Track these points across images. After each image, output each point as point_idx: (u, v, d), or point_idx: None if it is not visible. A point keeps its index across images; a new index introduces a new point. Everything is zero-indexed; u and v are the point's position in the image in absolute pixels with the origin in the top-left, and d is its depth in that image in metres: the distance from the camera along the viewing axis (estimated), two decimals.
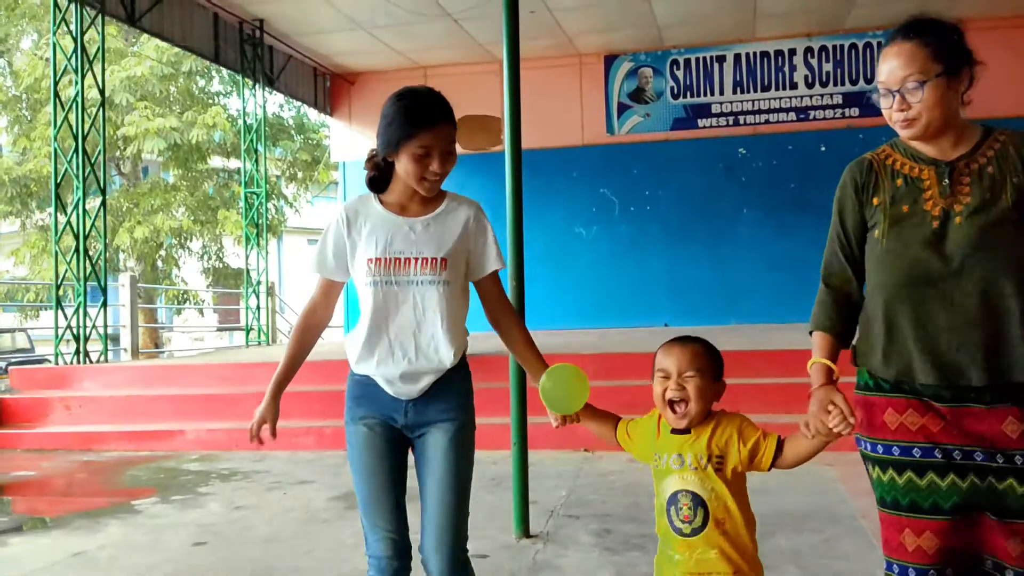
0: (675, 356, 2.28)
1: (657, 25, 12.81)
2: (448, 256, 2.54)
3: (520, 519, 4.54)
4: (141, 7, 10.42)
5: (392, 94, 2.60)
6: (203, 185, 18.62)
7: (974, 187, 2.26)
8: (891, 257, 2.31)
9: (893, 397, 2.28)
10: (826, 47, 13.35)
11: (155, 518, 5.35)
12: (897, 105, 2.27)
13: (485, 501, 5.23)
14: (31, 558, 4.50)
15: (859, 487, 5.23)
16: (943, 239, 2.23)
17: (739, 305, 13.00)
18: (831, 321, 2.39)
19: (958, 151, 2.31)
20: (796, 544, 4.21)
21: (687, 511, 2.18)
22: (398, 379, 2.49)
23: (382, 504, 2.50)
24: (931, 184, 2.30)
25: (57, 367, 9.57)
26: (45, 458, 7.62)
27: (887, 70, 2.30)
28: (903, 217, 2.30)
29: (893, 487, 2.25)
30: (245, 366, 9.29)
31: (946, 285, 2.23)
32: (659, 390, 2.27)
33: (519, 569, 4.01)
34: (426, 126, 2.48)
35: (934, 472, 2.20)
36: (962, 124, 2.33)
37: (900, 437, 2.25)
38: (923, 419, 2.23)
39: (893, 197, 2.33)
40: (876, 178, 2.38)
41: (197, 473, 6.76)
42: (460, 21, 12.35)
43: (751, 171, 13.52)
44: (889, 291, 2.31)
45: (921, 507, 2.19)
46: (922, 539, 2.19)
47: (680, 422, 2.23)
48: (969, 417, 2.19)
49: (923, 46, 2.25)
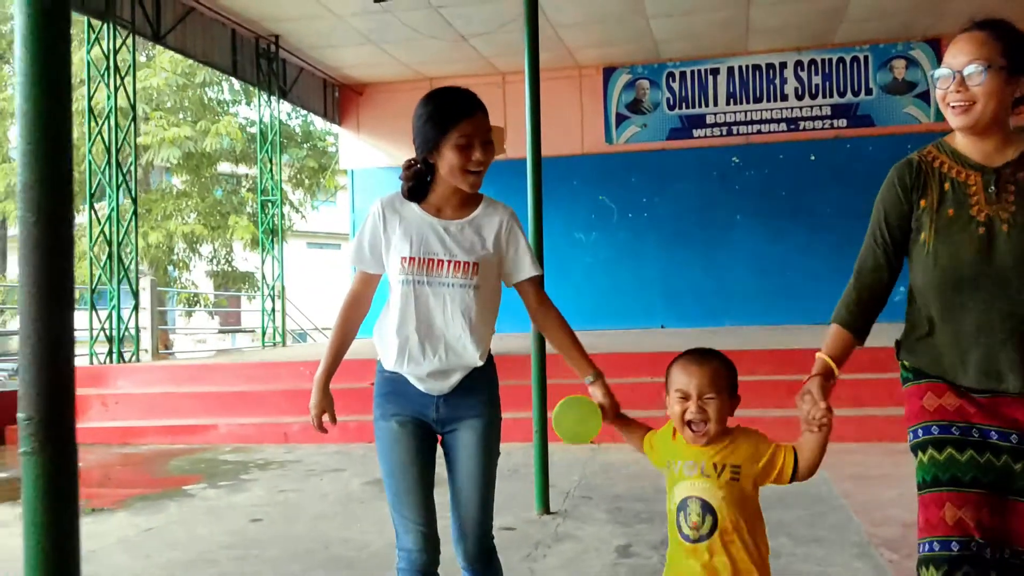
0: (695, 377, 2.23)
1: (654, 39, 13.39)
2: (480, 261, 2.60)
3: (541, 498, 5.13)
4: (166, 25, 10.99)
5: (422, 98, 2.64)
6: (212, 190, 19.22)
7: (1019, 197, 2.26)
8: (936, 261, 2.30)
9: (932, 382, 2.33)
10: (815, 60, 13.89)
11: (208, 500, 5.92)
12: (955, 86, 2.26)
13: (505, 487, 5.79)
14: (108, 534, 5.06)
15: (841, 473, 5.85)
16: (989, 247, 2.24)
17: (732, 308, 13.54)
18: (851, 316, 2.41)
19: (1004, 158, 2.31)
20: (785, 518, 4.79)
21: (696, 517, 2.17)
22: (427, 376, 2.56)
23: (413, 499, 2.58)
24: (977, 190, 2.29)
25: (92, 366, 10.12)
26: (88, 451, 8.15)
27: (955, 51, 2.29)
28: (950, 222, 2.29)
29: (934, 464, 2.25)
30: (269, 365, 9.85)
31: (989, 292, 2.24)
32: (678, 410, 2.24)
33: (544, 538, 4.60)
34: (465, 116, 2.53)
35: (972, 449, 2.22)
36: (1009, 131, 2.33)
37: (939, 417, 2.28)
38: (960, 400, 2.27)
39: (941, 200, 2.32)
40: (925, 180, 2.36)
41: (235, 463, 7.32)
42: (466, 37, 12.94)
43: (744, 179, 14.06)
44: (933, 293, 2.32)
45: (962, 480, 2.20)
46: (963, 511, 2.18)
47: (699, 441, 2.22)
48: (1003, 406, 2.24)
49: (996, 39, 2.26)
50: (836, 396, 2.27)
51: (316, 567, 4.30)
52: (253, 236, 18.43)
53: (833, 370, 2.33)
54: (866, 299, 2.41)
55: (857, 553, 4.17)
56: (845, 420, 7.13)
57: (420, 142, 2.57)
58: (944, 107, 2.30)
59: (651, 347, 9.57)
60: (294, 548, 4.64)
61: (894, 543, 4.26)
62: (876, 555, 4.11)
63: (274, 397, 8.89)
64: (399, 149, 15.00)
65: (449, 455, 2.65)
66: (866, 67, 13.79)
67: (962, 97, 2.24)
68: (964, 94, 2.24)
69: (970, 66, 2.22)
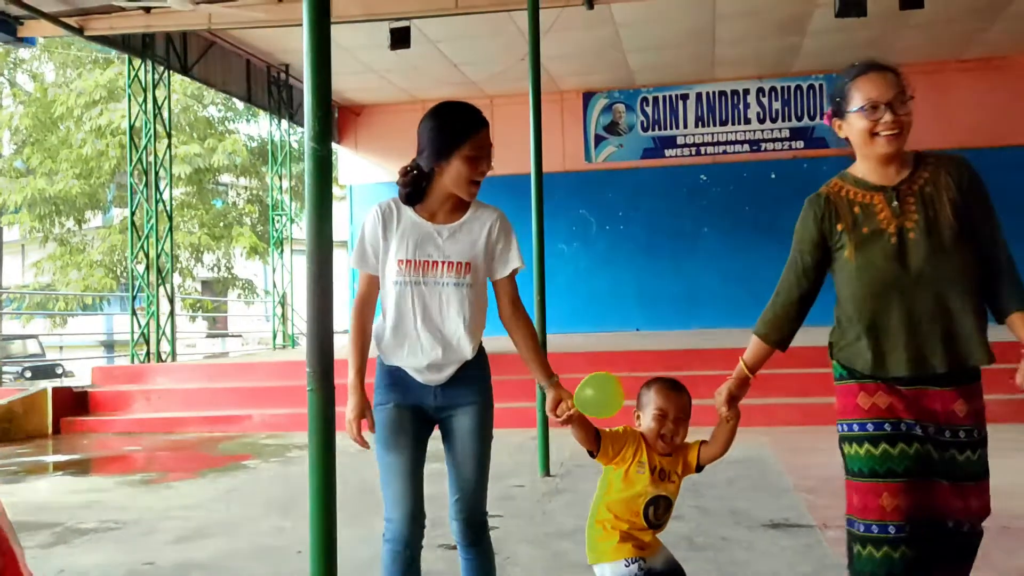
0: (673, 402, 2.70)
1: (629, 69, 14.71)
2: (472, 260, 2.79)
3: (544, 463, 6.45)
4: (191, 59, 12.23)
5: (430, 111, 2.79)
6: (211, 201, 20.41)
7: (918, 206, 2.53)
8: (861, 271, 2.57)
9: (865, 383, 2.59)
10: (775, 88, 15.19)
11: (267, 471, 7.20)
12: (889, 117, 2.50)
13: (514, 458, 7.13)
14: (198, 495, 6.32)
15: (782, 447, 7.22)
16: (902, 253, 2.51)
17: (700, 312, 14.71)
18: (769, 330, 2.78)
19: (900, 176, 2.58)
20: (734, 475, 6.14)
21: (663, 511, 2.72)
22: (425, 369, 2.79)
23: (405, 474, 2.80)
24: (883, 207, 2.56)
25: (132, 365, 11.34)
26: (139, 439, 9.38)
27: (879, 88, 2.54)
28: (866, 238, 2.55)
29: (871, 458, 2.51)
30: (292, 364, 11.07)
31: (908, 291, 2.51)
32: (655, 426, 2.69)
33: (548, 491, 5.93)
34: (476, 129, 2.72)
35: (903, 442, 2.49)
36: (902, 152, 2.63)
37: (873, 415, 2.54)
38: (890, 398, 2.54)
39: (855, 222, 2.58)
40: (835, 208, 2.62)
41: (277, 445, 8.58)
42: (458, 65, 14.25)
43: (711, 196, 15.25)
44: (860, 301, 2.58)
45: (896, 472, 2.48)
46: (898, 499, 2.46)
47: (667, 450, 2.72)
48: (925, 397, 2.52)
49: (899, 76, 2.59)
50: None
51: (373, 507, 5.60)
52: (253, 245, 19.60)
53: (748, 376, 2.79)
54: (782, 316, 2.76)
55: (781, 492, 5.54)
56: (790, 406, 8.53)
57: (430, 151, 2.73)
58: (869, 138, 2.55)
59: (627, 347, 10.95)
60: (351, 496, 5.93)
61: (812, 489, 5.62)
62: (797, 496, 5.47)
63: (299, 391, 10.00)
64: (394, 166, 16.11)
65: (448, 439, 2.88)
66: (821, 94, 15.13)
67: (895, 125, 2.52)
68: (896, 122, 2.52)
69: (896, 99, 2.52)
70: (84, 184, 18.44)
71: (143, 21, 9.93)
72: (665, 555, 2.77)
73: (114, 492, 6.51)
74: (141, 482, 6.91)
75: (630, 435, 2.74)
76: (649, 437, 2.72)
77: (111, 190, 19.76)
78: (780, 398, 8.56)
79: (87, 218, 19.97)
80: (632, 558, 2.64)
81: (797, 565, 4.04)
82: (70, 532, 5.21)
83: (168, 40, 11.59)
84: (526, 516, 5.21)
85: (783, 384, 8.58)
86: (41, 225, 18.91)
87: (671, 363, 9.23)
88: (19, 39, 10.16)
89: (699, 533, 4.66)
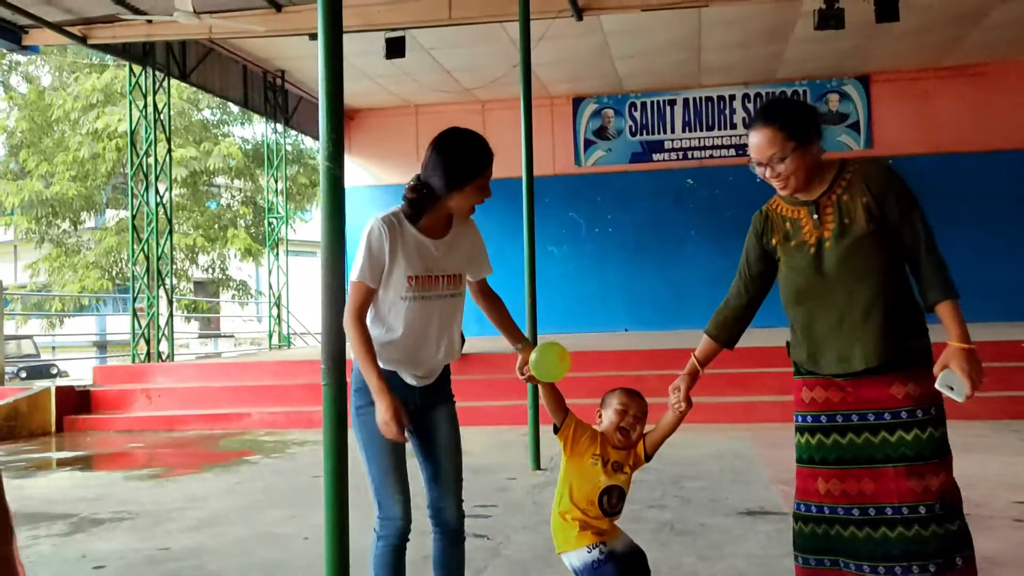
0: (635, 403, 2.95)
1: (618, 75, 15.05)
2: (462, 271, 2.98)
3: (534, 457, 6.77)
4: (190, 66, 12.51)
5: (445, 137, 2.89)
6: (207, 202, 20.67)
7: (835, 216, 2.71)
8: (787, 281, 2.82)
9: (808, 378, 2.83)
10: (760, 93, 15.58)
11: (269, 466, 7.49)
12: (769, 173, 2.73)
13: (504, 454, 7.45)
14: (204, 488, 6.61)
15: (761, 442, 7.54)
16: (819, 261, 2.72)
17: (685, 313, 14.91)
18: (718, 331, 3.03)
19: (820, 190, 2.76)
20: (716, 467, 6.48)
21: (616, 500, 2.92)
22: (423, 374, 2.94)
23: (400, 475, 2.90)
24: (806, 220, 2.77)
25: (133, 365, 11.61)
26: (141, 436, 9.66)
27: (755, 148, 2.74)
28: (792, 250, 2.79)
29: (809, 447, 2.80)
30: (289, 363, 11.38)
31: (826, 296, 2.73)
32: (616, 420, 2.93)
33: (539, 482, 6.25)
34: (489, 163, 2.88)
35: (836, 433, 2.73)
36: (822, 167, 2.78)
37: (812, 408, 2.80)
38: (827, 393, 2.76)
39: (786, 235, 2.82)
40: (771, 223, 2.87)
41: (276, 442, 8.87)
42: (451, 72, 14.55)
43: (697, 199, 15.63)
44: (793, 306, 2.84)
45: (828, 460, 2.74)
46: (830, 484, 2.72)
47: (624, 443, 2.93)
48: (863, 387, 2.70)
49: (779, 130, 2.69)
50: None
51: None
52: (248, 246, 19.86)
53: (699, 370, 3.01)
54: (730, 319, 3.01)
55: (759, 483, 5.87)
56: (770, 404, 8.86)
57: (446, 180, 2.82)
58: (768, 182, 2.80)
59: (615, 347, 11.27)
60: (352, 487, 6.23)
61: (788, 481, 5.93)
62: (773, 487, 5.80)
63: (297, 390, 10.44)
64: (386, 169, 16.53)
65: (426, 435, 3.00)
66: (805, 100, 15.58)
67: (778, 177, 2.74)
68: (779, 175, 2.73)
69: (772, 159, 2.71)
70: (80, 187, 18.65)
71: (145, 30, 10.21)
72: (624, 539, 3.03)
73: (123, 486, 6.80)
74: (148, 477, 7.20)
75: (592, 431, 2.98)
76: (608, 430, 2.94)
77: (106, 192, 19.96)
78: (761, 396, 8.88)
79: (82, 220, 20.18)
80: (593, 544, 2.88)
81: (769, 548, 4.36)
82: (86, 522, 5.50)
83: (168, 47, 11.87)
84: (518, 506, 5.52)
85: (764, 382, 8.91)
86: (37, 227, 19.12)
87: (658, 362, 9.54)
88: (23, 47, 10.42)
89: (680, 520, 4.98)
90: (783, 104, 2.81)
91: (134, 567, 4.45)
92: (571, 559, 2.94)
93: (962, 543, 2.65)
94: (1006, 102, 14.75)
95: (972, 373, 2.60)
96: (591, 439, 2.96)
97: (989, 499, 5.15)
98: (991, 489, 5.42)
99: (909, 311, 2.73)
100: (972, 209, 14.54)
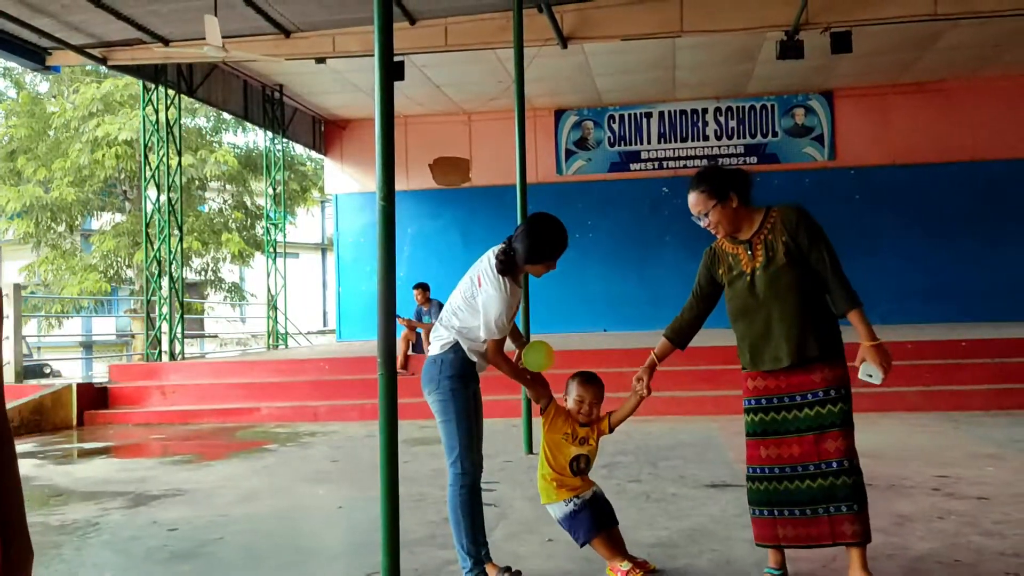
0: (589, 391, 3.94)
1: (597, 90, 15.95)
2: None
3: (527, 443, 7.66)
4: (196, 82, 13.31)
5: (549, 225, 3.92)
6: (199, 207, 21.41)
7: (762, 251, 3.53)
8: (730, 301, 3.69)
9: (751, 372, 3.66)
10: (731, 107, 16.56)
11: (288, 453, 8.32)
12: (704, 223, 3.62)
13: (501, 440, 8.33)
14: (235, 471, 7.44)
15: (728, 431, 8.45)
16: (753, 286, 3.56)
17: (661, 314, 14.80)
18: (675, 335, 3.91)
19: (751, 231, 3.58)
20: (686, 452, 7.39)
21: (584, 465, 3.93)
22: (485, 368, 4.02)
23: (480, 437, 3.93)
24: (743, 255, 3.59)
25: (146, 363, 12.40)
26: (160, 429, 10.44)
27: (690, 205, 3.63)
28: (734, 278, 3.63)
29: (753, 423, 3.63)
30: (293, 362, 12.18)
31: (759, 312, 3.57)
32: (575, 408, 3.93)
33: (532, 465, 7.05)
34: (564, 249, 3.94)
35: (773, 411, 3.58)
36: (750, 214, 3.59)
37: (756, 394, 3.64)
38: (766, 382, 3.60)
39: (729, 267, 3.66)
40: (718, 257, 3.73)
41: (288, 433, 9.70)
42: (441, 87, 15.41)
43: (672, 207, 16.28)
44: (735, 320, 3.67)
45: (768, 431, 3.59)
46: (770, 450, 3.57)
47: (585, 421, 3.94)
48: (792, 376, 3.54)
49: (701, 192, 3.58)
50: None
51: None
52: (241, 249, 20.59)
53: (656, 364, 3.89)
54: (685, 326, 3.90)
55: (723, 462, 6.78)
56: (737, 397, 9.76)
57: (541, 254, 3.85)
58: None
59: (595, 346, 12.16)
60: (367, 469, 7.09)
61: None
62: (735, 466, 6.71)
63: (302, 386, 11.27)
64: (374, 178, 17.29)
65: (477, 407, 4.03)
66: (773, 114, 16.53)
67: (709, 226, 3.64)
68: (709, 224, 3.63)
69: (701, 216, 3.63)
70: (78, 192, 19.30)
71: (163, 53, 11.00)
72: (594, 489, 4.01)
73: (162, 470, 7.61)
74: (181, 462, 8.02)
75: (565, 414, 3.97)
76: (573, 411, 3.94)
77: (103, 198, 20.62)
78: (728, 390, 9.79)
79: (78, 224, 20.82)
80: (569, 498, 3.91)
81: (729, 511, 5.27)
82: (142, 497, 6.34)
83: (177, 66, 12.65)
84: (517, 481, 6.41)
85: (730, 379, 9.80)
86: (36, 231, 19.75)
87: (635, 360, 10.12)
88: (46, 67, 11.17)
89: (654, 491, 5.89)
90: (708, 171, 3.65)
91: (201, 529, 5.30)
92: (554, 510, 3.99)
93: (863, 494, 3.52)
94: (960, 117, 15.80)
95: (883, 362, 3.48)
96: (564, 420, 3.94)
97: (914, 474, 6.09)
98: (919, 467, 6.35)
99: (823, 318, 3.56)
100: (927, 217, 15.56)
